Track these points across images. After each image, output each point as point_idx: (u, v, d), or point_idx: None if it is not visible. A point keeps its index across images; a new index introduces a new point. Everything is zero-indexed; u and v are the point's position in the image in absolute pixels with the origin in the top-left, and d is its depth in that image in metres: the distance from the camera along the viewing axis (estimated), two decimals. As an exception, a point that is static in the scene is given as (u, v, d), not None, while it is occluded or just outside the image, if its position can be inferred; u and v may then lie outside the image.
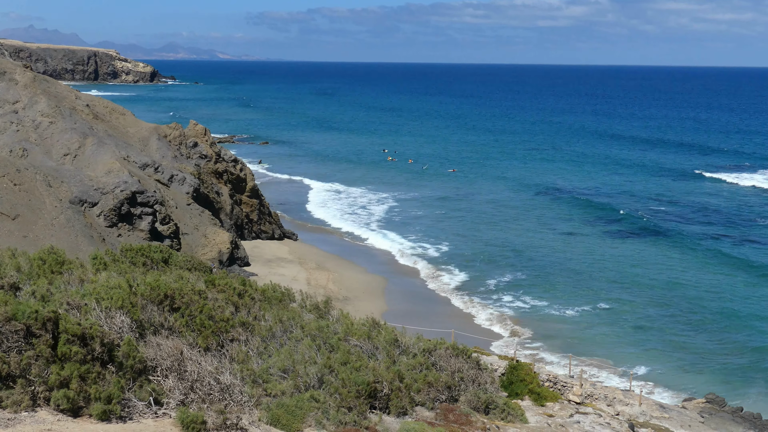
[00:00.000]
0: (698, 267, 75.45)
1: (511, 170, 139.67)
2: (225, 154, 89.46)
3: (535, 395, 28.79)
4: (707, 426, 36.07)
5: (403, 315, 59.08)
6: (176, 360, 17.97)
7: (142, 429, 16.20)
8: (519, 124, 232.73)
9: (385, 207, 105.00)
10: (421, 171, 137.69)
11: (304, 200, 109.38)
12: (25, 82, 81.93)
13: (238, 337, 20.87)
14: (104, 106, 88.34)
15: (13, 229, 60.82)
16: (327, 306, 25.57)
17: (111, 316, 18.59)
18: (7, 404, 15.78)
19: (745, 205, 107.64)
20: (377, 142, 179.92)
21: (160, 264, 27.65)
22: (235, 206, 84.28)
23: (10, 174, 65.43)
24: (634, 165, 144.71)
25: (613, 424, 27.55)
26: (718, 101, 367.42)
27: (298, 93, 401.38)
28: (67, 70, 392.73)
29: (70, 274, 22.29)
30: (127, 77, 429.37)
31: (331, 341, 21.39)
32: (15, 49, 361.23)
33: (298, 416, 18.11)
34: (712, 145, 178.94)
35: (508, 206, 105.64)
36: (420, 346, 23.20)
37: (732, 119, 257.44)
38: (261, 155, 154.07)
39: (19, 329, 16.39)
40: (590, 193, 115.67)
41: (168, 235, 68.48)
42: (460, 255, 79.44)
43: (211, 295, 22.37)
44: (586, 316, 61.23)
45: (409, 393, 20.49)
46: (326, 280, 68.56)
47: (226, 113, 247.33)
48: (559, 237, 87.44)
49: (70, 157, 72.38)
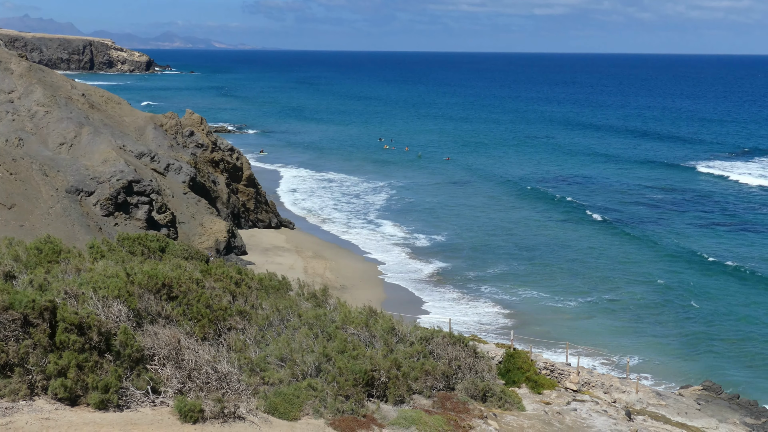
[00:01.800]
0: (692, 257, 75.51)
1: (504, 159, 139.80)
2: (221, 143, 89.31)
3: (532, 383, 28.86)
4: (704, 413, 36.18)
5: (400, 303, 59.17)
6: (174, 349, 17.96)
7: (139, 418, 16.21)
8: (512, 113, 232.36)
9: (382, 196, 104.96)
10: (415, 159, 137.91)
11: (274, 186, 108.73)
12: (20, 71, 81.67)
13: (235, 326, 20.86)
14: (100, 96, 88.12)
15: (9, 218, 60.74)
16: (324, 294, 25.57)
17: (108, 305, 18.57)
18: (5, 393, 15.78)
19: (742, 197, 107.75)
20: (369, 132, 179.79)
21: (157, 253, 27.61)
22: (231, 195, 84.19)
23: (6, 163, 65.28)
24: (626, 155, 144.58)
25: (610, 412, 27.62)
26: (713, 90, 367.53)
27: (279, 82, 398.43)
28: (62, 60, 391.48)
29: (67, 263, 22.26)
30: (123, 66, 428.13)
31: (329, 330, 21.40)
32: (10, 39, 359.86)
33: (296, 405, 18.13)
34: (707, 137, 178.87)
35: (503, 195, 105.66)
36: (417, 335, 23.21)
37: (729, 109, 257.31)
38: (260, 145, 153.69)
39: (16, 318, 16.38)
40: (584, 183, 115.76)
41: (165, 224, 68.42)
42: (456, 244, 79.50)
43: (209, 284, 22.36)
44: (583, 305, 61.32)
45: (407, 381, 20.51)
46: (323, 268, 68.57)
47: (201, 102, 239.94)
48: (553, 227, 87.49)
49: (66, 147, 72.23)
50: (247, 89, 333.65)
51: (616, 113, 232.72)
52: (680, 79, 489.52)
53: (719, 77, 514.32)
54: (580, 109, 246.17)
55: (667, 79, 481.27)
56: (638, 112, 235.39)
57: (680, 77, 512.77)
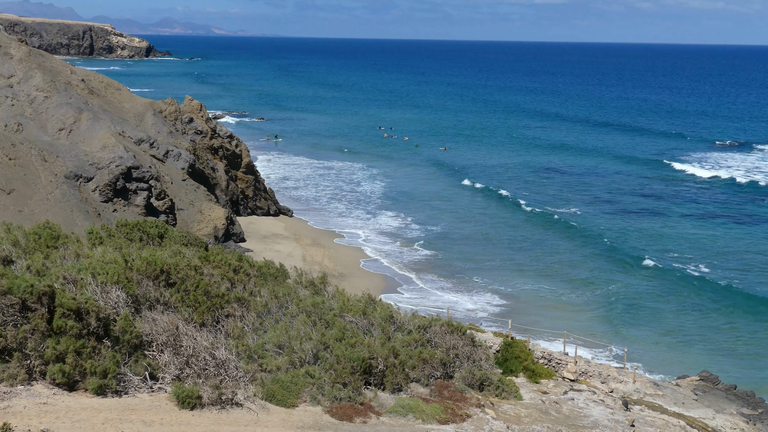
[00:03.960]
0: (689, 247, 75.61)
1: (500, 148, 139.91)
2: (220, 129, 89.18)
3: (529, 372, 28.91)
4: (701, 403, 36.25)
5: (397, 292, 59.24)
6: (172, 335, 18.00)
7: (137, 403, 16.24)
8: (511, 105, 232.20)
9: (379, 184, 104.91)
10: (412, 148, 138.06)
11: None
12: (20, 56, 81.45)
13: (233, 313, 20.88)
14: (99, 81, 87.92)
15: (8, 203, 60.70)
16: (322, 282, 25.59)
17: (107, 291, 18.58)
18: (3, 378, 15.80)
19: (740, 189, 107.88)
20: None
21: (156, 239, 27.61)
22: (230, 182, 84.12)
23: (5, 148, 65.19)
24: (616, 148, 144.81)
25: (607, 401, 27.68)
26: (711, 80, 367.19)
27: (262, 69, 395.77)
28: (62, 45, 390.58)
29: (66, 249, 22.26)
30: (123, 52, 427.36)
31: (327, 317, 21.43)
32: (10, 23, 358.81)
33: (293, 392, 18.17)
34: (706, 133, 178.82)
35: (500, 186, 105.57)
36: (415, 323, 23.25)
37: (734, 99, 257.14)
38: (266, 132, 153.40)
39: (14, 303, 16.39)
40: (584, 174, 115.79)
41: (163, 210, 68.39)
42: (453, 233, 79.51)
43: (207, 271, 22.37)
44: (581, 297, 61.39)
45: (404, 369, 20.55)
46: (322, 256, 68.58)
47: (177, 89, 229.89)
48: (552, 219, 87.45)
49: (65, 132, 72.12)
50: (227, 76, 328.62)
51: (606, 108, 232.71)
52: (669, 69, 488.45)
53: (704, 67, 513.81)
54: (588, 105, 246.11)
55: (656, 70, 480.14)
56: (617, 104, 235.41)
57: (669, 68, 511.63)
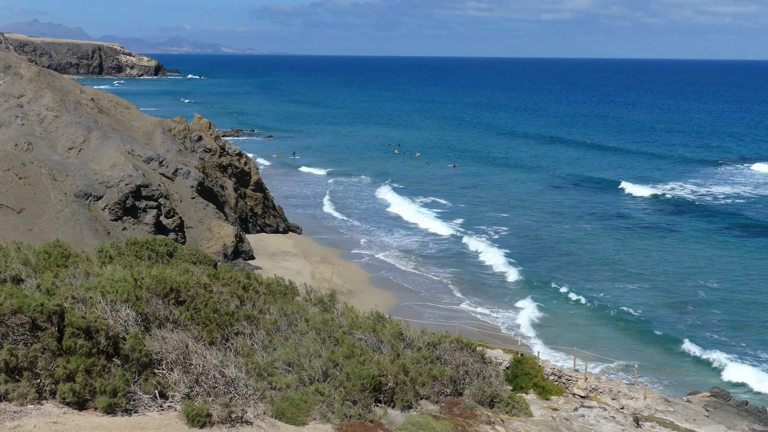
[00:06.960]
0: (706, 261, 75.32)
1: (511, 163, 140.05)
2: (229, 147, 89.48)
3: (539, 389, 28.81)
4: (712, 419, 36.03)
5: (408, 308, 59.11)
6: (181, 353, 17.99)
7: (147, 422, 16.23)
8: (522, 123, 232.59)
9: (387, 200, 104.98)
10: (423, 165, 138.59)
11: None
12: (29, 76, 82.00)
13: (242, 331, 20.88)
14: (109, 100, 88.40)
15: (18, 222, 60.93)
16: (332, 299, 25.58)
17: (116, 309, 18.60)
18: (14, 397, 15.82)
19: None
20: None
21: (165, 257, 27.67)
22: (239, 200, 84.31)
23: (16, 167, 65.51)
24: (645, 154, 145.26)
25: (618, 418, 27.55)
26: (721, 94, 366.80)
27: (242, 86, 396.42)
28: (71, 64, 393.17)
29: (76, 268, 22.32)
30: (132, 71, 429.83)
31: (336, 335, 21.39)
32: (20, 44, 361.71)
33: (303, 409, 18.13)
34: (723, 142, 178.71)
35: (512, 199, 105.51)
36: (425, 340, 23.19)
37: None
38: (275, 149, 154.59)
39: (25, 322, 16.42)
40: (597, 185, 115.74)
41: (173, 228, 68.54)
42: (466, 250, 79.46)
43: (216, 289, 22.39)
44: (591, 311, 61.17)
45: (414, 386, 20.49)
46: (331, 273, 68.55)
47: (155, 105, 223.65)
48: (562, 231, 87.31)
49: (74, 151, 72.45)
50: (205, 95, 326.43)
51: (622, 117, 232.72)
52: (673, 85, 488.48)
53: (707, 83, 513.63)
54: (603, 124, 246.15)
55: (657, 85, 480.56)
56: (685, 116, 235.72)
57: (676, 83, 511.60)
